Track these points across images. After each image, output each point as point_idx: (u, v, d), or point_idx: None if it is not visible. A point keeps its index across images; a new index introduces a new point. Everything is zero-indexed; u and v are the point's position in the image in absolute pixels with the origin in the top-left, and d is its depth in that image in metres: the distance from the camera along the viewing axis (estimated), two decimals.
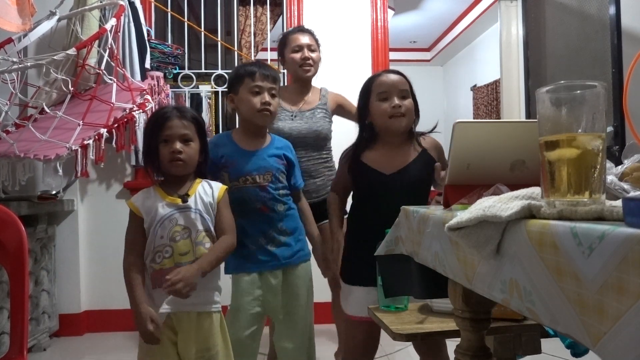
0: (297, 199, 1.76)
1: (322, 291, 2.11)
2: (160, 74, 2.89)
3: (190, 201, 1.40)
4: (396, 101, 1.56)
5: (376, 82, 1.61)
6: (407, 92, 1.60)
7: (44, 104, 2.23)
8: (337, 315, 2.16)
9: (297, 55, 2.08)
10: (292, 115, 2.09)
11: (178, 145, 1.37)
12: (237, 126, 2.30)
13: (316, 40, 2.16)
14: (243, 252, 1.59)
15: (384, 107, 1.57)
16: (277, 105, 1.66)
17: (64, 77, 2.15)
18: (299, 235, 1.71)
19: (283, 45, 2.15)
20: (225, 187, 1.48)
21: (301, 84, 2.16)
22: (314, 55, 2.11)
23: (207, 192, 1.44)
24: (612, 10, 2.69)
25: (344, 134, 2.12)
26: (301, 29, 2.18)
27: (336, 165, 2.12)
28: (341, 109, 2.25)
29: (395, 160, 1.60)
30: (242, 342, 1.56)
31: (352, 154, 1.64)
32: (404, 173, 1.58)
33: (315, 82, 2.22)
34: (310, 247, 1.81)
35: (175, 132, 1.38)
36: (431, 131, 1.72)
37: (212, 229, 1.43)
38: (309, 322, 1.72)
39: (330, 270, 1.79)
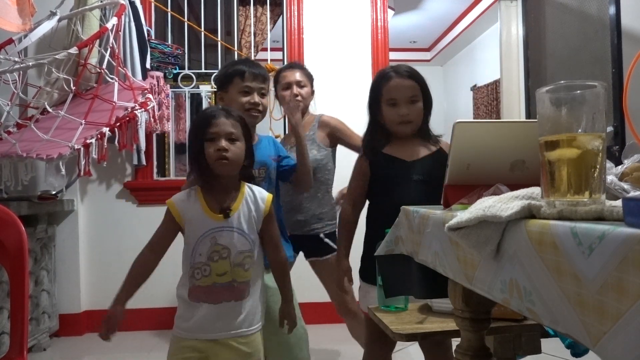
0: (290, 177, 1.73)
1: (323, 291, 2.11)
2: (160, 74, 2.90)
3: (233, 218, 1.33)
4: (404, 110, 1.57)
5: (386, 87, 1.59)
6: (417, 96, 1.60)
7: (45, 103, 2.23)
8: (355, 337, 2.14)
9: (287, 93, 2.08)
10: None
11: (224, 143, 1.32)
12: None
13: (307, 75, 2.15)
14: None
15: (392, 113, 1.59)
16: (267, 104, 1.66)
17: (65, 77, 2.15)
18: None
19: (276, 81, 2.17)
20: (271, 196, 1.40)
21: None
22: (303, 91, 2.09)
23: (251, 204, 1.37)
24: (612, 10, 2.69)
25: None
26: (291, 66, 2.20)
27: (327, 200, 2.12)
28: (336, 135, 2.14)
29: (412, 151, 1.62)
30: None
31: (372, 148, 1.64)
32: (424, 162, 1.60)
33: (320, 103, 2.22)
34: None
35: (221, 130, 1.33)
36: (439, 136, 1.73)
37: (255, 246, 1.36)
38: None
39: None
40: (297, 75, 2.11)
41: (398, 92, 1.58)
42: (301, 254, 2.11)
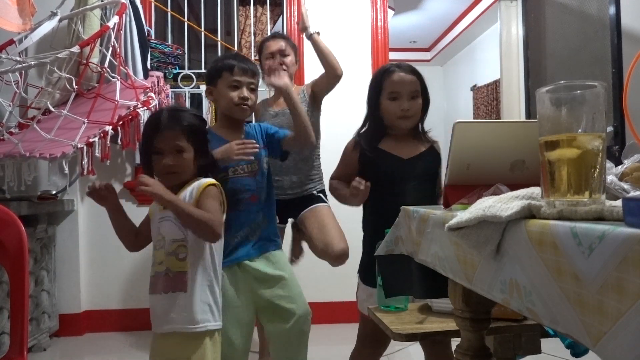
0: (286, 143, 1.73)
1: (323, 291, 2.11)
2: (160, 73, 2.90)
3: None
4: (405, 104, 1.58)
5: (388, 81, 1.61)
6: (418, 92, 1.61)
7: (47, 103, 2.23)
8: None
9: (270, 62, 2.12)
10: (275, 114, 2.14)
11: (169, 159, 1.36)
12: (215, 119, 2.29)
13: (291, 45, 2.19)
14: (227, 248, 1.58)
15: (393, 107, 1.60)
16: (255, 99, 1.66)
17: (67, 76, 2.15)
18: (274, 224, 1.72)
19: (259, 52, 2.22)
20: (207, 182, 1.39)
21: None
22: (287, 59, 2.14)
23: (190, 193, 1.38)
24: (612, 10, 2.69)
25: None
26: (274, 36, 2.24)
27: (318, 164, 2.20)
28: (317, 85, 2.21)
29: (408, 148, 1.63)
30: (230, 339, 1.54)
31: (368, 142, 1.64)
32: (420, 159, 1.62)
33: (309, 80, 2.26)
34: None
35: (167, 144, 1.36)
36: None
37: (189, 237, 1.35)
38: (301, 293, 1.67)
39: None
40: (281, 44, 2.15)
41: (400, 86, 1.59)
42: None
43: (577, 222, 0.57)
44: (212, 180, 1.40)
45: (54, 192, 2.60)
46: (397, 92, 1.59)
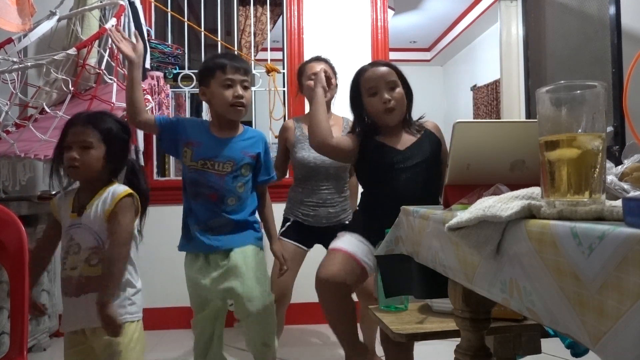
0: (261, 191, 1.72)
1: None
2: (160, 74, 2.89)
3: (86, 215, 1.39)
4: (385, 95, 1.59)
5: (363, 78, 1.65)
6: (395, 82, 1.63)
7: (44, 103, 2.23)
8: (365, 323, 2.15)
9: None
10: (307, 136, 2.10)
11: (74, 153, 1.37)
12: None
13: (332, 68, 2.20)
14: (187, 235, 1.64)
15: (374, 102, 1.62)
16: (249, 97, 1.64)
17: (64, 77, 2.15)
18: (246, 232, 1.64)
19: (300, 73, 2.21)
20: (122, 193, 1.38)
21: None
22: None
23: (106, 201, 1.39)
24: (612, 10, 2.69)
25: None
26: (318, 58, 2.23)
27: (347, 195, 2.22)
28: None
29: (403, 139, 1.66)
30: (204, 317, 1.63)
31: (365, 135, 1.67)
32: (416, 148, 1.64)
33: (334, 108, 2.24)
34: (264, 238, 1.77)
35: (75, 138, 1.38)
36: (420, 118, 1.79)
37: (105, 244, 1.37)
38: (266, 291, 1.64)
39: None
40: (324, 67, 2.15)
41: (376, 80, 1.62)
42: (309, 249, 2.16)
43: (577, 222, 0.57)
44: (127, 191, 1.40)
45: (54, 192, 2.60)
46: (374, 87, 1.61)
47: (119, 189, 1.41)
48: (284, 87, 3.14)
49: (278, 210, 2.03)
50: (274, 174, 1.73)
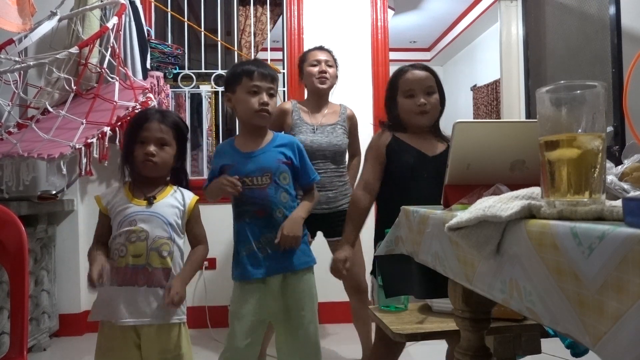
0: (308, 193, 1.69)
1: (324, 290, 2.11)
2: (160, 73, 2.89)
3: (156, 206, 1.41)
4: (422, 99, 1.59)
5: (402, 79, 1.63)
6: (433, 87, 1.63)
7: (46, 103, 2.23)
8: (358, 321, 2.18)
9: (315, 69, 2.19)
10: (313, 129, 2.16)
11: (152, 148, 1.40)
12: (237, 126, 2.32)
13: (334, 58, 2.27)
14: (238, 259, 1.57)
15: (409, 104, 1.61)
16: (275, 105, 1.62)
17: (66, 76, 2.15)
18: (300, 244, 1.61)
19: (302, 60, 2.27)
20: (197, 197, 1.49)
21: (318, 97, 2.24)
22: (330, 70, 2.21)
23: (177, 199, 1.45)
24: (612, 10, 2.69)
25: None
26: (320, 47, 2.30)
27: (346, 178, 2.24)
28: (350, 131, 2.28)
29: (431, 146, 1.63)
30: (239, 352, 1.54)
31: (392, 134, 1.64)
32: (442, 158, 1.57)
33: (331, 96, 2.30)
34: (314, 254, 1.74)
35: (151, 135, 1.41)
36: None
37: (176, 237, 1.42)
38: (313, 332, 1.64)
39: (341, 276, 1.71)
40: (326, 55, 2.23)
41: (415, 83, 1.61)
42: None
43: (577, 222, 0.57)
44: (196, 196, 1.49)
45: (54, 192, 2.60)
46: (412, 89, 1.60)
47: (186, 191, 1.49)
48: (284, 87, 3.14)
49: None
50: (315, 175, 1.69)
